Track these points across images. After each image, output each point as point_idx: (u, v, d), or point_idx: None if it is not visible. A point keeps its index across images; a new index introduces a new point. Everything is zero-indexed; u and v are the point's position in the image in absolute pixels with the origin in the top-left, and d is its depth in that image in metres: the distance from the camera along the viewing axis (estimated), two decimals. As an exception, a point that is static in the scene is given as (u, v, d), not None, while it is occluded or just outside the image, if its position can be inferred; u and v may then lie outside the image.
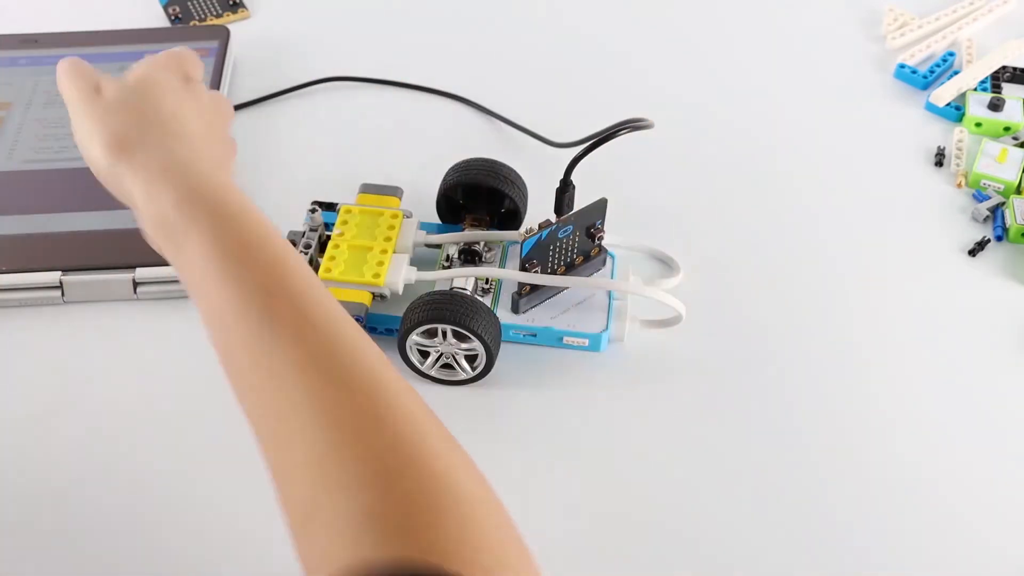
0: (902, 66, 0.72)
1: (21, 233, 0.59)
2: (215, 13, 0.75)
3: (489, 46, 0.74)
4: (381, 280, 0.54)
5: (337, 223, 0.57)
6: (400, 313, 0.53)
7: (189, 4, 0.76)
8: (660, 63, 0.74)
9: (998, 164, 0.65)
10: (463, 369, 0.53)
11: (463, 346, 0.52)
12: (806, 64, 0.74)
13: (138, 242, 0.44)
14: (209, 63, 0.69)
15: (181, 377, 0.54)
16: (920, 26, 0.75)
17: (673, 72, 0.73)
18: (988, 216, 0.63)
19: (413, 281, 0.55)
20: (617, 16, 0.77)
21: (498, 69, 0.72)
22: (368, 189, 0.59)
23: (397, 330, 0.53)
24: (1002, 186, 0.64)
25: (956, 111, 0.69)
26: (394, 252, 0.55)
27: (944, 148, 0.67)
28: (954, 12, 0.76)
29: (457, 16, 0.77)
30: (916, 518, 0.50)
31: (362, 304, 0.53)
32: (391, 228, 0.56)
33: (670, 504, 0.50)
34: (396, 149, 0.67)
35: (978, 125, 0.68)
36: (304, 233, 0.57)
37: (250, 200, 0.43)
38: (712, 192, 0.65)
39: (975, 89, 0.70)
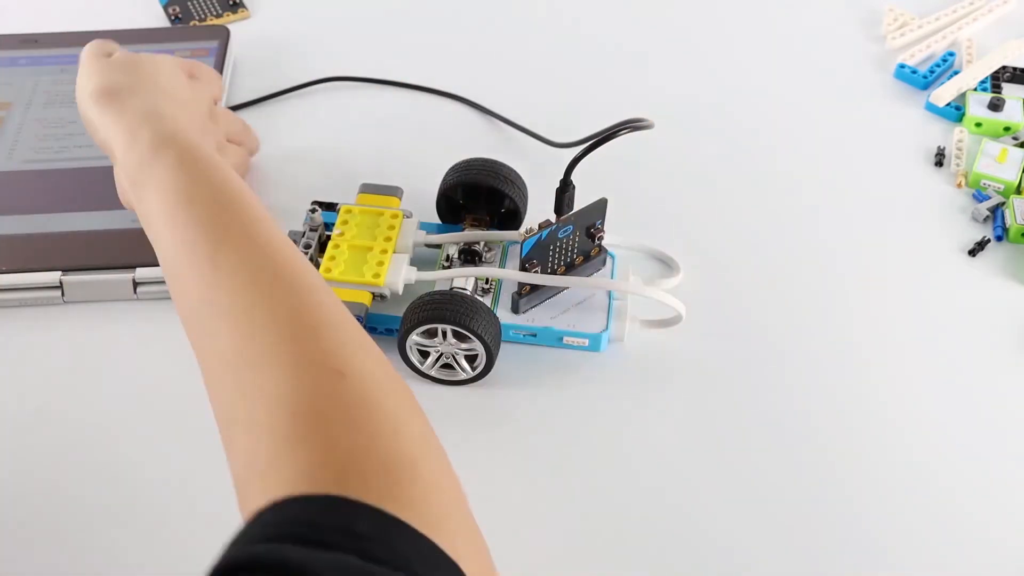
0: (902, 66, 0.72)
1: (21, 233, 0.59)
2: (215, 13, 0.75)
3: (489, 46, 0.75)
4: (381, 280, 0.54)
5: (337, 223, 0.57)
6: (400, 313, 0.53)
7: (189, 4, 0.76)
8: (660, 63, 0.74)
9: (998, 164, 0.65)
10: (463, 369, 0.53)
11: (463, 346, 0.52)
12: (806, 64, 0.74)
13: (138, 242, 0.45)
14: (209, 63, 0.69)
15: (181, 377, 0.53)
16: (920, 26, 0.75)
17: (673, 72, 0.73)
18: (988, 216, 0.63)
19: (413, 281, 0.55)
20: (617, 16, 0.77)
21: (498, 69, 0.73)
22: (368, 189, 0.59)
23: (397, 330, 0.53)
24: (1002, 186, 0.64)
25: (956, 111, 0.69)
26: (394, 252, 0.55)
27: (944, 148, 0.67)
28: (954, 12, 0.76)
29: (457, 16, 0.77)
30: (917, 517, 0.50)
31: (362, 304, 0.53)
32: (391, 228, 0.56)
33: (670, 504, 0.50)
34: (396, 149, 0.67)
35: (978, 125, 0.68)
36: (304, 233, 0.57)
37: (217, 156, 0.46)
38: (712, 192, 0.65)
39: (975, 89, 0.70)
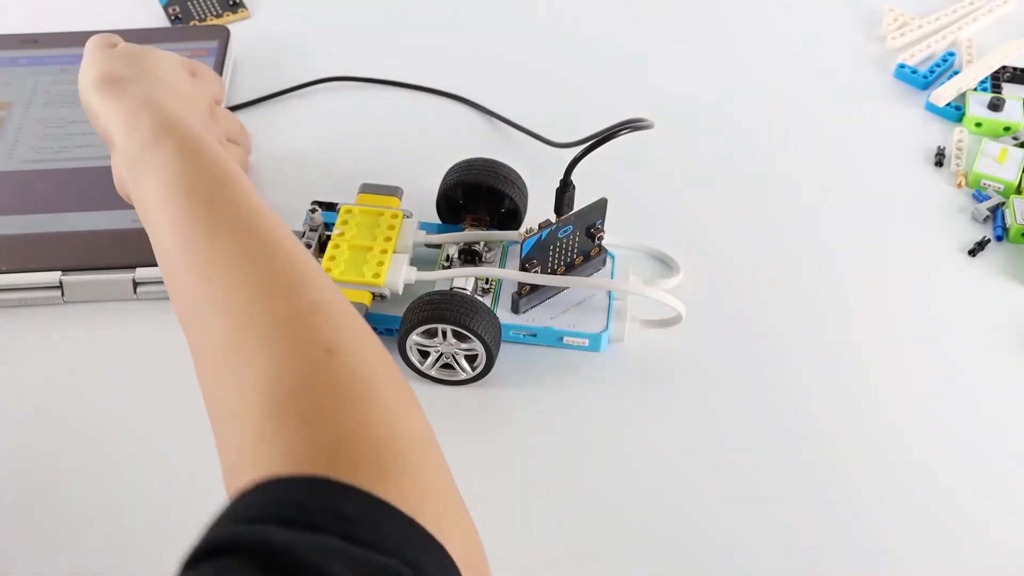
0: (902, 66, 0.72)
1: (21, 233, 0.59)
2: (215, 13, 0.75)
3: (489, 46, 0.75)
4: (381, 280, 0.54)
5: (337, 223, 0.57)
6: (400, 313, 0.53)
7: (189, 4, 0.76)
8: (660, 63, 0.74)
9: (998, 164, 0.65)
10: (463, 369, 0.53)
11: (463, 346, 0.52)
12: (806, 64, 0.74)
13: (138, 242, 0.45)
14: (209, 63, 0.69)
15: (181, 377, 0.53)
16: (920, 26, 0.75)
17: (673, 72, 0.73)
18: (988, 216, 0.63)
19: (413, 281, 0.55)
20: (617, 16, 0.77)
21: (498, 69, 0.72)
22: (368, 189, 0.59)
23: (397, 330, 0.53)
24: (1002, 186, 0.64)
25: (956, 111, 0.69)
26: (394, 252, 0.55)
27: (944, 148, 0.67)
28: (954, 12, 0.76)
29: (457, 16, 0.77)
30: (916, 517, 0.50)
31: (362, 304, 0.53)
32: (391, 228, 0.56)
33: (671, 504, 0.50)
34: (396, 149, 0.67)
35: (978, 125, 0.68)
36: (304, 233, 0.57)
37: (218, 146, 0.46)
38: (712, 192, 0.65)
39: (975, 89, 0.70)
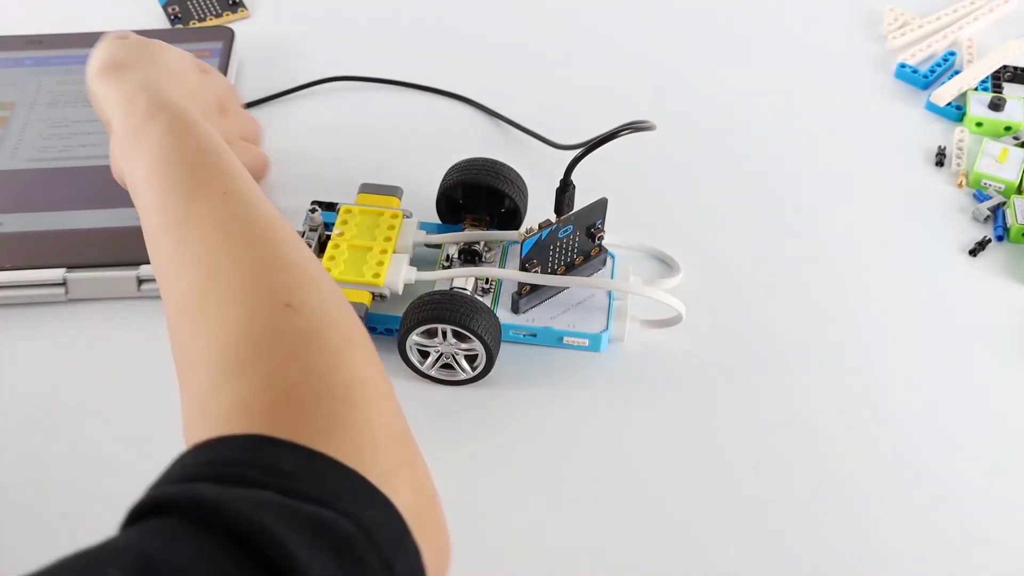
0: (903, 66, 0.72)
1: (24, 231, 0.58)
2: (215, 12, 0.75)
3: (489, 46, 0.74)
4: (381, 280, 0.54)
5: (337, 223, 0.57)
6: (400, 313, 0.53)
7: (188, 3, 0.76)
8: (660, 63, 0.73)
9: (999, 164, 0.64)
10: (463, 369, 0.53)
11: (463, 346, 0.52)
12: (806, 64, 0.74)
13: (142, 239, 0.45)
14: (213, 64, 0.69)
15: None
16: (921, 26, 0.75)
17: (673, 72, 0.73)
18: (989, 216, 0.63)
19: (413, 281, 0.55)
20: (617, 16, 0.77)
21: (499, 69, 0.72)
22: (368, 189, 0.59)
23: (397, 330, 0.53)
24: (1003, 186, 0.64)
25: (957, 111, 0.69)
26: (394, 252, 0.55)
27: (945, 148, 0.67)
28: (955, 12, 0.76)
29: (456, 15, 0.77)
30: (917, 516, 0.50)
31: (362, 304, 0.53)
32: (391, 228, 0.56)
33: (671, 504, 0.50)
34: (396, 149, 0.67)
35: (979, 125, 0.68)
36: (304, 233, 0.57)
37: (209, 127, 0.47)
38: (713, 192, 0.65)
39: (976, 89, 0.70)
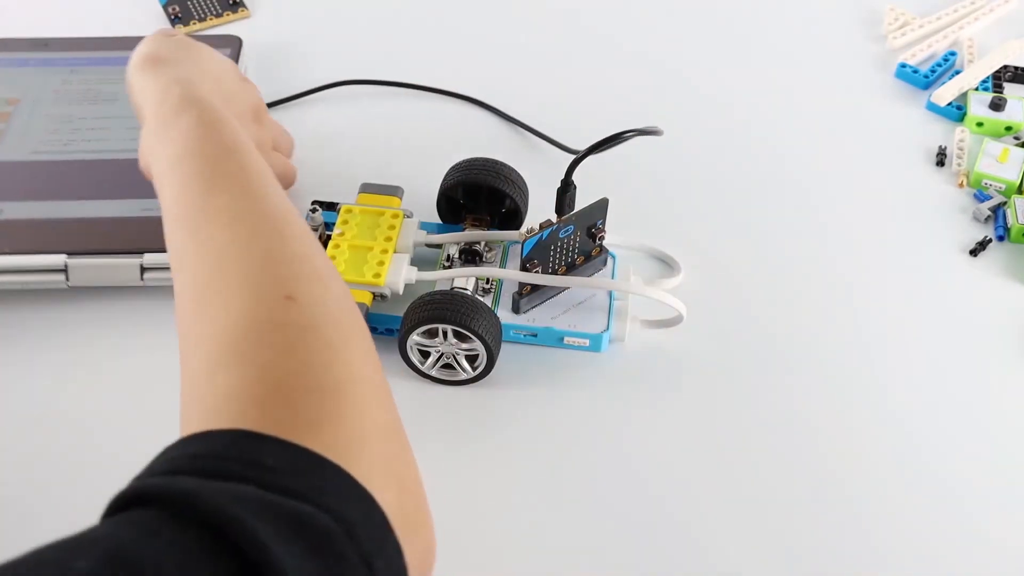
0: (903, 66, 0.72)
1: (27, 218, 0.58)
2: (215, 13, 0.75)
3: (489, 45, 0.74)
4: (382, 280, 0.54)
5: (338, 223, 0.57)
6: (401, 313, 0.53)
7: (189, 3, 0.76)
8: (660, 63, 0.73)
9: (999, 164, 0.64)
10: (464, 369, 0.53)
11: (464, 346, 0.52)
12: (807, 64, 0.74)
13: (146, 229, 0.44)
14: None
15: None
16: (921, 25, 0.75)
17: (674, 72, 0.73)
18: (989, 216, 0.63)
19: (414, 281, 0.55)
20: (617, 17, 0.77)
21: (499, 68, 0.72)
22: (368, 189, 0.59)
23: (398, 330, 0.53)
24: (1004, 186, 0.64)
25: (957, 111, 0.69)
26: (395, 252, 0.55)
27: (945, 148, 0.67)
28: (955, 11, 0.76)
29: (456, 15, 0.77)
30: (916, 517, 0.50)
31: (363, 304, 0.53)
32: (392, 228, 0.56)
33: (672, 504, 0.50)
34: (396, 149, 0.67)
35: (979, 125, 0.68)
36: (304, 233, 0.57)
37: (238, 125, 0.46)
38: (713, 192, 0.65)
39: (976, 89, 0.70)
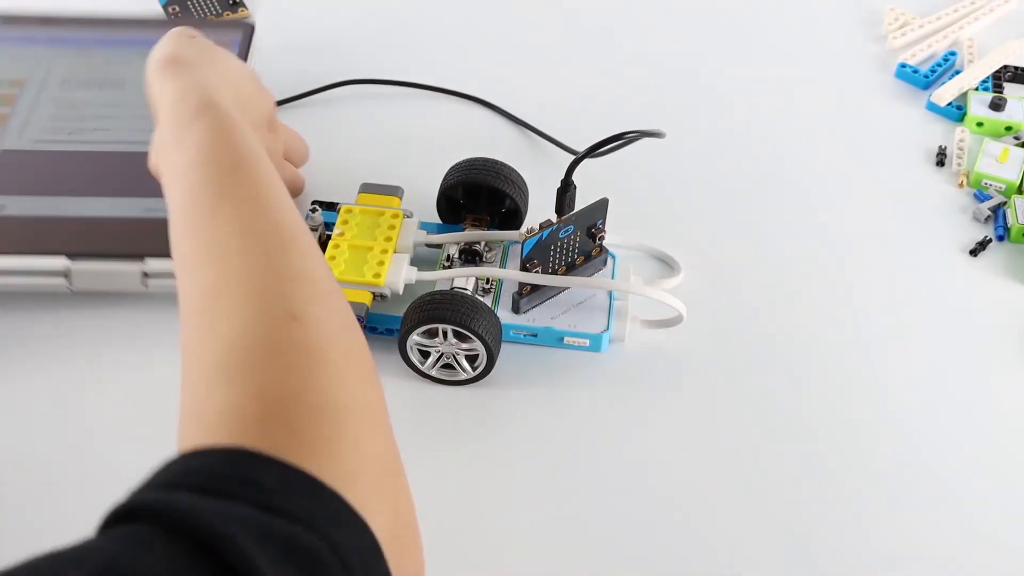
0: (903, 66, 0.72)
1: (27, 215, 0.56)
2: (215, 12, 0.75)
3: (488, 45, 0.74)
4: (381, 280, 0.54)
5: (337, 223, 0.57)
6: (400, 313, 0.53)
7: (188, 3, 0.75)
8: (660, 63, 0.73)
9: (999, 164, 0.64)
10: (464, 369, 0.53)
11: (464, 346, 0.52)
12: (807, 64, 0.74)
13: (150, 231, 0.44)
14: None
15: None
16: (921, 25, 0.75)
17: (673, 72, 0.73)
18: (989, 216, 0.63)
19: (413, 281, 0.55)
20: (615, 16, 0.77)
21: (499, 68, 0.72)
22: (368, 189, 0.59)
23: (397, 330, 0.53)
24: (1004, 186, 0.64)
25: (957, 111, 0.69)
26: (394, 252, 0.55)
27: (945, 148, 0.67)
28: (955, 11, 0.76)
29: (455, 14, 0.77)
30: (916, 516, 0.50)
31: (363, 304, 0.53)
32: (391, 228, 0.56)
33: (672, 504, 0.50)
34: (396, 149, 0.67)
35: (979, 125, 0.68)
36: (304, 233, 0.57)
37: (253, 135, 0.46)
38: (713, 192, 0.65)
39: (976, 89, 0.70)
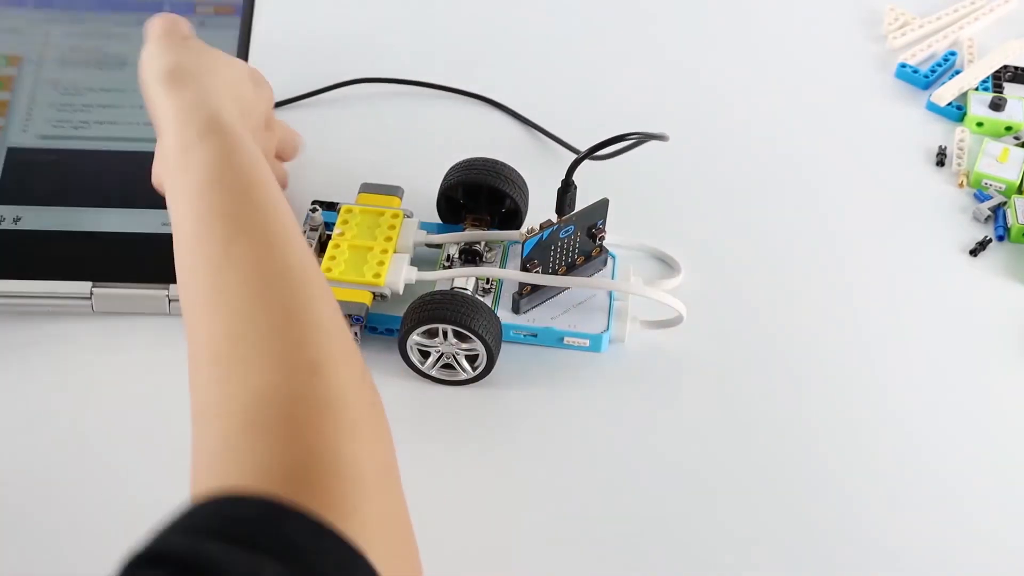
0: (903, 66, 0.72)
1: (48, 230, 0.55)
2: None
3: (490, 42, 0.74)
4: (382, 280, 0.54)
5: (338, 223, 0.57)
6: (400, 313, 0.53)
7: (189, 3, 0.75)
8: (659, 63, 0.73)
9: (999, 164, 0.64)
10: (464, 369, 0.53)
11: (464, 346, 0.52)
12: (807, 64, 0.74)
13: (172, 250, 0.43)
14: (235, 22, 0.66)
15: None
16: (921, 25, 0.75)
17: (673, 72, 0.73)
18: (989, 216, 0.63)
19: (414, 281, 0.55)
20: (615, 16, 0.77)
21: (499, 65, 0.72)
22: (368, 189, 0.59)
23: (397, 330, 0.53)
24: (1004, 186, 0.64)
25: (957, 111, 0.69)
26: (395, 252, 0.55)
27: (945, 148, 0.67)
28: (955, 11, 0.76)
29: (455, 13, 0.77)
30: (916, 516, 0.50)
31: (363, 304, 0.53)
32: (392, 228, 0.56)
33: (672, 505, 0.50)
34: (396, 148, 0.66)
35: (979, 125, 0.68)
36: (304, 233, 0.57)
37: (260, 154, 0.46)
38: (713, 192, 0.65)
39: (976, 89, 0.70)
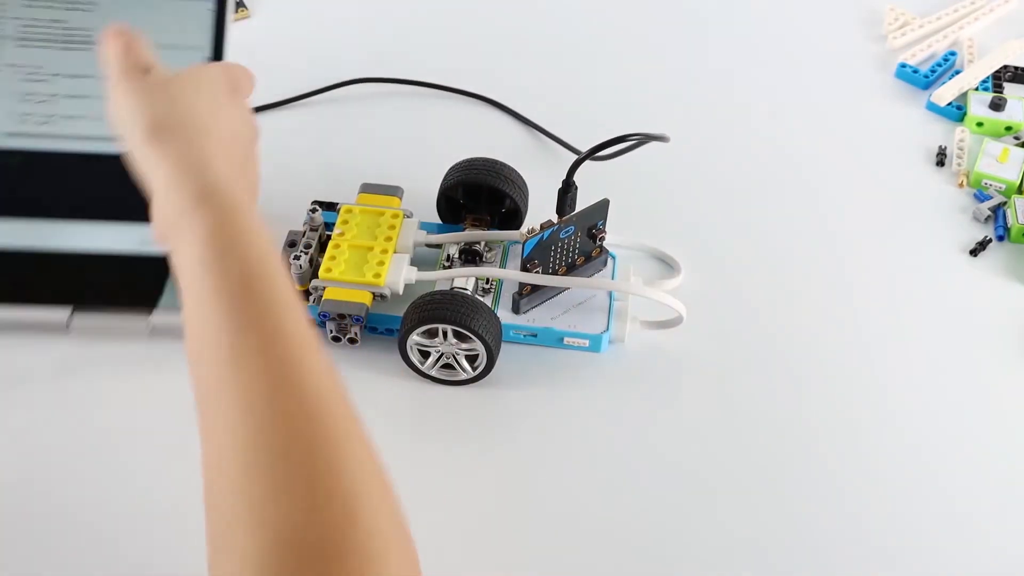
0: (903, 66, 0.72)
1: (21, 248, 0.51)
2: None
3: (490, 42, 0.74)
4: (382, 280, 0.54)
5: (338, 223, 0.57)
6: (400, 313, 0.53)
7: None
8: (660, 64, 0.73)
9: (999, 164, 0.64)
10: (464, 369, 0.53)
11: (464, 346, 0.52)
12: (807, 64, 0.74)
13: (155, 274, 0.40)
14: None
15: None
16: (921, 25, 0.75)
17: (673, 73, 0.73)
18: (989, 216, 0.63)
19: (414, 281, 0.55)
20: (614, 17, 0.77)
21: (499, 65, 0.72)
22: (368, 189, 0.59)
23: (397, 330, 0.53)
24: (1004, 186, 0.64)
25: (957, 111, 0.69)
26: (395, 252, 0.55)
27: (945, 148, 0.67)
28: (955, 12, 0.76)
29: (455, 13, 0.77)
30: (916, 516, 0.50)
31: (363, 304, 0.53)
32: (392, 228, 0.56)
33: (672, 504, 0.50)
34: (396, 149, 0.66)
35: (979, 125, 0.68)
36: (304, 233, 0.57)
37: (254, 212, 0.43)
38: (713, 193, 0.65)
39: (976, 89, 0.70)
